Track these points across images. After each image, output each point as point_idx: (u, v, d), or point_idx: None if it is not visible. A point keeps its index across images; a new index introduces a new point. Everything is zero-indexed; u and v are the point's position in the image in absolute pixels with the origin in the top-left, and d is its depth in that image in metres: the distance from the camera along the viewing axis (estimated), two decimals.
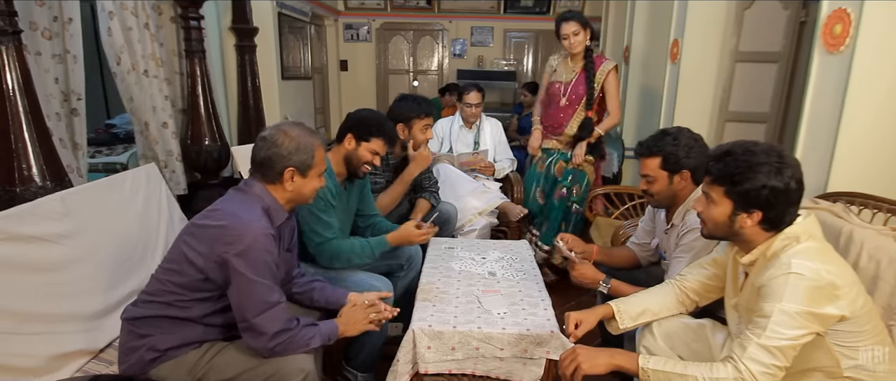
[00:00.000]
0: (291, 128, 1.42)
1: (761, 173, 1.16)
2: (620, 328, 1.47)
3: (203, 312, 1.36)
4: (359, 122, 1.88)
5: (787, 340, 1.09)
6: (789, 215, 1.19)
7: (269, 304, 1.31)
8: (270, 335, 1.31)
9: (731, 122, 3.19)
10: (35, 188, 1.86)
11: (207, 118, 3.16)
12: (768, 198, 1.16)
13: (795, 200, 1.18)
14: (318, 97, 5.83)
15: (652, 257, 1.96)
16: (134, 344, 1.35)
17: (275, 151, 1.38)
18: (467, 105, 3.15)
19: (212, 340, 1.40)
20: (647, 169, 1.68)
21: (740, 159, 1.19)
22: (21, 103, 1.84)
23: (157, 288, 1.35)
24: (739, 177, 1.18)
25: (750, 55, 3.06)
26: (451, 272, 2.00)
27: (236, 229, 1.28)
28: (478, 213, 2.72)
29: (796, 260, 1.12)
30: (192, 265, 1.30)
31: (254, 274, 1.28)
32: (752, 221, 1.20)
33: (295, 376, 1.34)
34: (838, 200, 1.73)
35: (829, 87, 1.83)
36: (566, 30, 2.68)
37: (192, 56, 3.08)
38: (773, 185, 1.15)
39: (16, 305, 1.38)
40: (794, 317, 1.09)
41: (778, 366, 1.09)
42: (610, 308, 1.48)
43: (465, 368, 1.64)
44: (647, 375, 1.21)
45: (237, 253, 1.26)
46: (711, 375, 1.13)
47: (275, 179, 1.41)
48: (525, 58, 6.86)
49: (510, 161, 3.26)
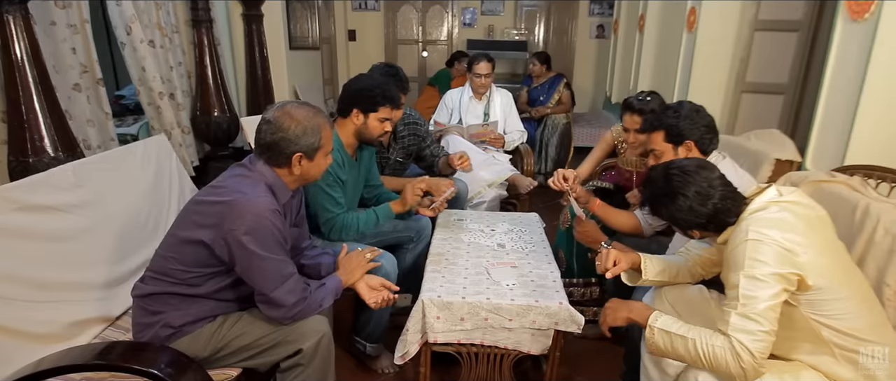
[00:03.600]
0: (297, 109, 1.36)
1: (662, 207, 1.25)
2: (642, 279, 1.49)
3: (213, 288, 1.37)
4: (360, 94, 1.83)
5: (763, 302, 1.09)
6: (727, 219, 1.22)
7: (284, 277, 1.32)
8: (289, 306, 1.33)
9: (747, 93, 3.12)
10: (47, 159, 1.88)
11: (216, 89, 3.15)
12: (690, 221, 1.23)
13: (717, 210, 1.20)
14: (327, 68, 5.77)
15: (658, 227, 1.96)
16: (147, 321, 1.36)
17: (281, 136, 1.33)
18: (477, 76, 3.10)
19: (225, 312, 1.42)
20: (653, 144, 1.70)
21: (650, 189, 1.30)
22: (30, 74, 1.84)
23: (164, 266, 1.35)
24: (655, 209, 1.30)
25: (770, 23, 2.97)
26: (461, 244, 2.01)
27: (242, 206, 1.26)
28: (487, 185, 2.70)
29: (753, 227, 1.13)
30: (199, 242, 1.29)
31: (265, 251, 1.28)
32: (697, 235, 1.28)
33: (312, 337, 1.37)
34: (856, 173, 1.69)
35: (852, 56, 1.77)
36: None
37: (199, 26, 3.05)
38: (678, 216, 1.23)
39: (33, 273, 1.40)
40: (760, 279, 1.10)
41: (764, 331, 1.09)
42: (638, 257, 1.50)
43: (473, 338, 1.66)
44: (653, 332, 1.24)
45: (246, 231, 1.25)
46: (709, 341, 1.15)
47: (282, 163, 1.37)
48: (537, 28, 6.71)
49: (520, 133, 3.23)
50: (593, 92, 6.62)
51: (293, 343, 1.37)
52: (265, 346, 1.38)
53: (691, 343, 1.16)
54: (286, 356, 1.38)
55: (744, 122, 3.13)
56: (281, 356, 1.38)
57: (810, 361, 1.19)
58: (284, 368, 1.39)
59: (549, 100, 4.42)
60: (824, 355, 1.16)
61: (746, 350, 1.09)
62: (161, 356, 1.22)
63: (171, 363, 1.19)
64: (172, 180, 2.06)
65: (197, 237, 1.29)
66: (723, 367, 1.12)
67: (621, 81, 4.91)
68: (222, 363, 1.40)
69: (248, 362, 1.40)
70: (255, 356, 1.39)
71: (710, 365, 1.14)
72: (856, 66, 1.74)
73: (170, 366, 1.18)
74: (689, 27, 3.10)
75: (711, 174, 1.23)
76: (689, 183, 1.21)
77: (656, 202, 1.27)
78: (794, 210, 1.16)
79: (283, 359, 1.38)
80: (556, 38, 6.64)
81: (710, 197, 1.20)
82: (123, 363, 1.18)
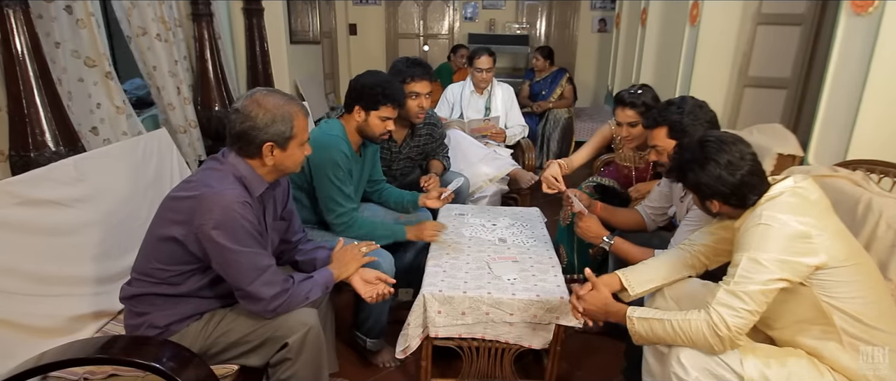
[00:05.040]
0: (266, 97, 1.31)
1: (690, 172, 1.25)
2: (632, 296, 1.48)
3: (195, 285, 1.35)
4: (362, 91, 1.83)
5: (756, 285, 1.12)
6: (750, 196, 1.22)
7: (260, 270, 1.29)
8: (268, 299, 1.31)
9: (750, 87, 3.10)
10: (49, 153, 1.88)
11: (217, 83, 3.15)
12: (715, 189, 1.23)
13: (743, 182, 1.20)
14: (328, 62, 5.76)
15: (661, 222, 1.96)
16: (134, 322, 1.35)
17: (249, 125, 1.28)
18: (478, 70, 3.09)
19: (211, 310, 1.40)
20: (655, 140, 1.68)
21: (681, 156, 1.29)
22: (31, 68, 1.83)
23: (145, 266, 1.33)
24: (681, 175, 1.29)
25: (773, 17, 2.95)
26: (462, 238, 2.01)
27: (209, 200, 1.23)
28: (488, 180, 2.70)
29: (768, 212, 1.16)
30: (173, 239, 1.27)
31: (236, 244, 1.25)
32: (716, 206, 1.27)
33: (298, 330, 1.35)
34: (858, 167, 1.69)
35: (855, 50, 1.76)
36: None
37: (199, 19, 3.04)
38: (705, 181, 1.22)
39: (34, 267, 1.41)
40: (762, 263, 1.12)
41: (747, 310, 1.13)
42: (616, 279, 1.50)
43: (474, 332, 1.66)
44: (633, 323, 1.31)
45: (215, 226, 1.22)
46: (686, 318, 1.20)
47: (254, 153, 1.32)
48: (538, 21, 6.69)
49: (522, 128, 3.22)
50: (595, 86, 6.60)
51: (280, 338, 1.35)
52: (253, 342, 1.36)
53: (668, 324, 1.23)
54: (274, 352, 1.36)
55: (746, 116, 3.12)
56: (270, 353, 1.36)
57: (815, 345, 1.19)
58: (274, 363, 1.37)
59: (552, 94, 4.41)
60: (831, 340, 1.17)
61: (724, 323, 1.14)
62: (163, 351, 1.22)
63: (174, 356, 1.19)
64: (173, 175, 2.06)
65: (170, 234, 1.27)
66: (700, 340, 1.18)
67: (623, 76, 4.89)
68: (213, 361, 1.38)
69: (239, 359, 1.39)
70: (245, 353, 1.38)
71: (688, 339, 1.20)
72: (859, 60, 1.73)
73: (172, 360, 1.17)
74: (692, 21, 3.08)
75: (745, 148, 1.24)
76: (723, 152, 1.22)
77: (685, 168, 1.27)
78: (807, 196, 1.18)
79: (272, 355, 1.36)
80: (557, 32, 6.62)
81: (740, 168, 1.21)
82: (126, 357, 1.18)
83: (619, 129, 2.12)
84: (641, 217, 1.96)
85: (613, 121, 2.22)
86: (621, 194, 2.35)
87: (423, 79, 2.15)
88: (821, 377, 1.17)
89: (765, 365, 1.16)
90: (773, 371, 1.16)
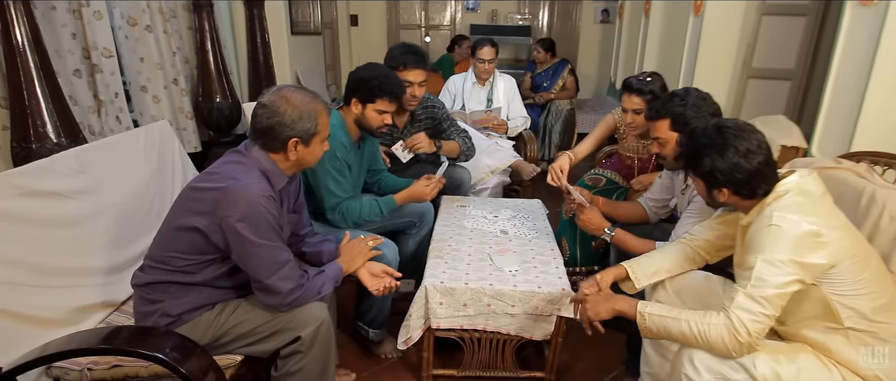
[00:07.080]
0: (293, 94, 1.34)
1: (707, 157, 1.21)
2: (636, 288, 1.48)
3: (211, 275, 1.36)
4: (359, 84, 1.82)
5: (773, 288, 1.11)
6: (761, 186, 1.20)
7: (280, 264, 1.32)
8: (286, 293, 1.33)
9: (754, 79, 3.09)
10: (50, 145, 1.88)
11: (217, 75, 3.14)
12: (730, 176, 1.20)
13: (758, 171, 1.18)
14: (329, 53, 5.73)
15: (663, 214, 1.96)
16: (147, 310, 1.36)
17: (277, 121, 1.31)
18: (480, 61, 3.07)
19: (224, 300, 1.42)
20: (658, 132, 1.66)
21: (696, 142, 1.25)
22: (32, 59, 1.83)
23: (161, 254, 1.35)
24: (695, 161, 1.24)
25: (777, 8, 2.93)
26: (464, 230, 2.01)
27: (235, 193, 1.25)
28: (490, 171, 2.70)
29: (777, 213, 1.14)
30: (194, 229, 1.29)
31: (259, 237, 1.27)
32: (725, 195, 1.25)
33: (310, 324, 1.37)
34: (862, 159, 1.68)
35: (860, 41, 1.75)
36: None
37: (199, 10, 3.03)
38: (722, 167, 1.19)
39: (37, 258, 1.41)
40: (777, 265, 1.11)
41: (766, 314, 1.12)
42: (623, 269, 1.49)
43: (476, 324, 1.66)
44: (644, 318, 1.27)
45: (240, 218, 1.24)
46: (704, 320, 1.17)
47: (278, 148, 1.35)
48: (541, 12, 6.64)
49: (524, 119, 3.21)
50: (597, 77, 6.57)
51: (292, 331, 1.37)
52: (264, 333, 1.38)
53: (685, 324, 1.20)
54: (285, 344, 1.38)
55: (750, 108, 3.10)
56: (280, 343, 1.38)
57: (822, 339, 1.19)
58: (284, 355, 1.39)
59: (553, 86, 4.39)
60: (838, 335, 1.17)
61: (744, 328, 1.12)
62: (167, 341, 1.23)
63: (177, 347, 1.20)
64: (175, 166, 2.06)
65: (192, 224, 1.28)
66: (719, 344, 1.15)
67: (626, 67, 4.86)
68: (222, 350, 1.40)
69: (248, 349, 1.41)
70: (254, 343, 1.39)
71: (706, 343, 1.17)
72: (864, 51, 1.71)
73: (175, 350, 1.18)
74: (696, 11, 3.06)
75: (762, 138, 1.22)
76: (742, 139, 1.20)
77: (700, 154, 1.24)
78: (813, 192, 1.17)
79: (283, 346, 1.38)
80: (560, 23, 6.57)
81: (757, 157, 1.19)
82: (129, 348, 1.18)
83: (624, 116, 2.11)
84: (644, 210, 1.96)
85: (617, 111, 2.21)
86: (620, 188, 2.35)
87: (416, 67, 2.13)
88: (829, 372, 1.17)
89: (775, 362, 1.15)
90: (784, 368, 1.15)
